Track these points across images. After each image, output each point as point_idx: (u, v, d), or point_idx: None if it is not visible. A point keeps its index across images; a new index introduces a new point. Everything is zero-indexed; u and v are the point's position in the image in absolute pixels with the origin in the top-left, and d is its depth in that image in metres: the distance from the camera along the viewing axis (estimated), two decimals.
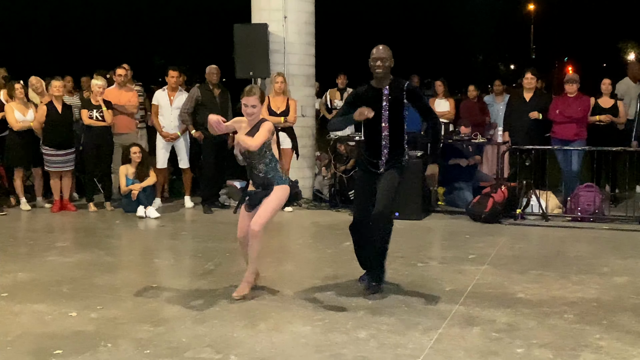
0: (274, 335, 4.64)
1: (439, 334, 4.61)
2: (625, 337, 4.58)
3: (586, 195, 8.78)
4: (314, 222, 8.87)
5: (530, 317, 4.98)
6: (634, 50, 45.71)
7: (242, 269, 6.33)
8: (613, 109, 9.71)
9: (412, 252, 7.04)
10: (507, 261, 6.69)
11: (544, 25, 42.80)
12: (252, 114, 5.55)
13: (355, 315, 5.02)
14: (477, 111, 10.66)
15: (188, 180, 9.91)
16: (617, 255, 6.90)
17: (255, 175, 5.59)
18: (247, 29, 9.76)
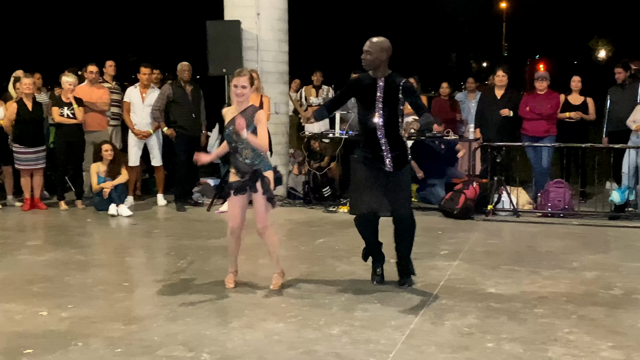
0: (247, 332, 4.63)
1: (410, 330, 4.64)
2: (594, 331, 4.63)
3: (556, 191, 8.88)
4: (288, 220, 8.86)
5: (501, 312, 5.03)
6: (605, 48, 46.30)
7: (216, 266, 6.35)
8: (583, 105, 9.83)
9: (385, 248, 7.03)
10: (478, 257, 6.75)
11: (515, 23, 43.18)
12: (242, 94, 5.55)
13: (329, 312, 5.03)
14: (449, 108, 10.73)
15: (161, 177, 9.86)
16: (587, 251, 6.98)
17: (241, 162, 5.56)
18: (220, 25, 9.71)
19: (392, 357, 4.19)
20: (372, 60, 5.54)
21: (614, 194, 8.78)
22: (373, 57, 5.53)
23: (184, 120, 9.44)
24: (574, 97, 9.92)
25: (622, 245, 7.28)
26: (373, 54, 5.53)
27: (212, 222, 8.63)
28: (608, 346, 4.36)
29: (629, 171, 9.03)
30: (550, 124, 9.45)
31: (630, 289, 5.62)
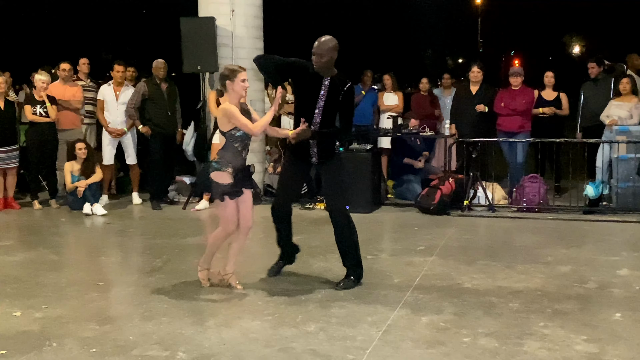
0: (223, 331, 4.62)
1: (387, 326, 4.65)
2: (568, 324, 4.68)
3: (531, 186, 8.96)
4: (264, 217, 8.77)
5: (476, 306, 5.06)
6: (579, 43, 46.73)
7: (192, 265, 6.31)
8: (556, 101, 9.91)
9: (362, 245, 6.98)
10: (454, 252, 6.78)
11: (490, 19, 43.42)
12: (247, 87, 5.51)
13: (305, 309, 5.03)
14: (428, 104, 10.76)
15: (136, 176, 9.79)
16: (561, 245, 7.05)
17: (242, 160, 5.50)
18: (194, 22, 9.66)
19: (368, 353, 4.20)
20: (326, 62, 5.54)
21: (588, 188, 8.87)
22: (326, 58, 5.54)
23: (159, 118, 9.39)
24: (548, 93, 10.01)
25: (596, 240, 7.36)
26: (325, 55, 5.53)
27: (188, 221, 8.60)
28: (582, 339, 4.40)
29: (603, 165, 9.13)
30: (525, 120, 9.53)
31: (604, 282, 5.68)
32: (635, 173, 8.54)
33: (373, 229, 8.05)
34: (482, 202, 9.00)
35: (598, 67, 10.11)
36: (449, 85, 11.46)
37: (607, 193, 8.97)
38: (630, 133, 8.79)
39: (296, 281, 5.77)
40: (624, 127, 8.91)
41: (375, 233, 7.87)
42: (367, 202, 8.88)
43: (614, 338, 4.42)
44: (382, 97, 10.90)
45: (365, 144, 9.34)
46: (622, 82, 9.36)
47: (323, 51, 5.51)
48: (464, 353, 4.21)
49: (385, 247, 7.27)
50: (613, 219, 8.36)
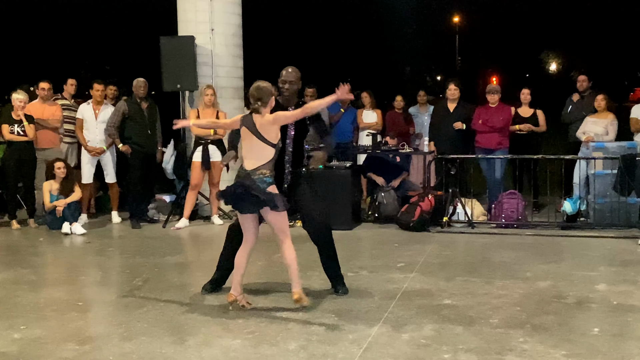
0: (203, 349, 4.59)
1: (368, 343, 4.64)
2: (548, 340, 4.69)
3: (509, 202, 9.02)
4: None
5: (456, 322, 5.07)
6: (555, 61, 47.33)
7: (171, 284, 6.30)
8: (533, 117, 10.01)
9: (342, 262, 7.01)
10: (434, 268, 6.80)
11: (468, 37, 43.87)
12: None
13: (286, 327, 5.01)
14: (402, 121, 10.83)
15: (115, 195, 9.74)
16: (539, 260, 7.09)
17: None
18: (174, 41, 9.67)
19: None
20: (296, 90, 5.79)
21: (566, 204, 8.94)
22: (296, 86, 5.79)
23: (139, 137, 9.36)
24: (524, 110, 10.11)
25: (574, 255, 7.40)
26: (295, 83, 5.77)
27: (168, 239, 8.55)
28: (561, 354, 4.42)
29: (580, 181, 9.22)
30: (503, 137, 9.61)
31: (582, 297, 5.72)
32: (612, 189, 8.63)
33: (353, 246, 8.06)
34: (461, 218, 9.05)
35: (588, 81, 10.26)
36: (425, 102, 11.54)
37: (584, 209, 9.05)
38: (606, 149, 8.89)
39: (277, 299, 5.75)
40: (600, 144, 9.02)
41: (355, 250, 7.88)
42: (347, 219, 8.89)
43: (592, 353, 4.44)
44: (361, 114, 10.95)
45: (345, 161, 9.37)
46: (598, 99, 9.49)
47: (295, 79, 5.77)
48: None
49: (365, 264, 7.26)
50: (590, 234, 8.42)
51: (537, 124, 10.02)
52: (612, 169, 8.69)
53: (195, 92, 9.66)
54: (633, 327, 4.98)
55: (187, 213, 9.19)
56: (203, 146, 9.12)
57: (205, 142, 9.13)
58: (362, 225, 9.26)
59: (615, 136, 9.35)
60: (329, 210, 7.49)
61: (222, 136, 9.23)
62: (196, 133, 9.17)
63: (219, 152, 9.21)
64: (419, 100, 11.62)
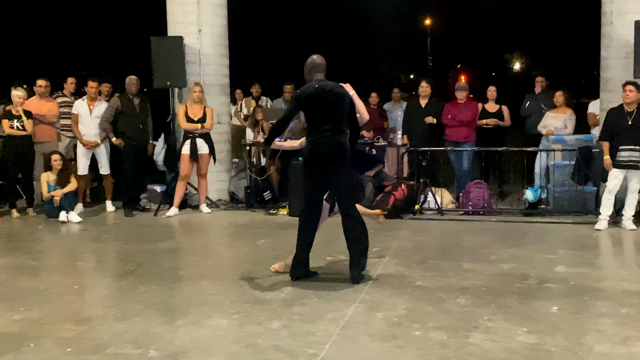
0: (192, 329, 4.59)
1: (345, 321, 4.67)
2: (511, 318, 4.74)
3: (476, 191, 9.08)
4: (231, 222, 8.82)
5: (427, 302, 5.11)
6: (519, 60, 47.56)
7: (163, 268, 6.28)
8: (498, 113, 10.07)
9: (322, 248, 7.07)
10: (407, 252, 6.83)
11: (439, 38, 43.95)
12: None
13: (270, 308, 5.02)
14: (377, 117, 10.84)
15: (109, 185, 9.67)
16: (504, 245, 7.14)
17: None
18: (164, 41, 9.60)
19: (328, 347, 4.21)
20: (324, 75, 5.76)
21: (528, 192, 9.02)
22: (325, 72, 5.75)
23: (131, 131, 9.30)
24: (491, 105, 10.17)
25: (536, 239, 7.48)
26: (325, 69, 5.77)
27: (159, 227, 8.52)
28: (523, 331, 4.47)
29: (541, 172, 9.30)
30: (470, 130, 9.67)
31: (543, 278, 5.78)
32: (570, 178, 8.71)
33: (332, 232, 8.02)
34: (431, 206, 9.09)
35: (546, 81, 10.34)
36: (399, 98, 11.55)
37: (544, 197, 9.13)
38: (565, 142, 8.97)
39: (261, 282, 5.75)
40: (560, 137, 9.10)
41: (333, 236, 7.81)
42: None
43: (552, 329, 4.50)
44: None
45: None
46: (556, 95, 9.57)
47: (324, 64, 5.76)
48: (416, 346, 4.25)
49: (343, 249, 7.16)
50: (550, 220, 8.51)
51: (502, 118, 10.09)
52: (570, 160, 8.78)
53: (184, 89, 9.61)
54: (589, 306, 5.05)
55: (177, 202, 9.16)
56: (191, 139, 9.09)
57: (193, 135, 9.10)
58: None
59: (573, 130, 9.44)
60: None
61: (209, 130, 9.20)
62: (185, 127, 9.13)
63: (206, 145, 9.18)
64: (393, 97, 11.63)
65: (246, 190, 9.75)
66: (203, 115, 9.14)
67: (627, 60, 8.42)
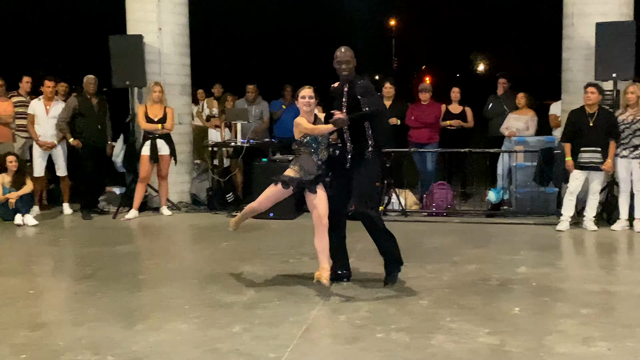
0: (152, 334, 4.54)
1: (308, 324, 4.67)
2: (474, 319, 4.80)
3: (440, 193, 9.17)
4: (193, 225, 8.77)
5: (390, 304, 5.14)
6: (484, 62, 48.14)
7: (122, 272, 6.20)
8: (462, 114, 10.19)
9: (286, 249, 7.10)
10: (371, 254, 6.80)
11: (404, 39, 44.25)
12: (309, 104, 5.63)
13: (231, 311, 5.00)
14: None
15: (66, 187, 9.53)
16: (467, 246, 7.23)
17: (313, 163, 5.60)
18: (123, 40, 9.51)
19: (290, 350, 4.21)
20: (352, 68, 5.69)
21: (491, 193, 9.14)
22: (352, 64, 5.68)
23: (89, 131, 9.19)
24: (454, 107, 10.28)
25: (498, 240, 7.58)
26: (351, 62, 5.69)
27: (118, 230, 8.42)
28: (485, 332, 4.52)
29: (503, 173, 9.43)
30: (433, 132, 9.77)
31: (505, 279, 5.86)
32: (532, 179, 8.84)
33: (297, 234, 8.07)
34: (395, 207, 9.15)
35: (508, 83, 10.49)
36: None
37: (507, 198, 9.26)
38: (527, 143, 9.12)
39: (223, 285, 5.72)
40: (521, 138, 9.24)
41: (299, 238, 7.88)
42: (290, 209, 8.88)
43: (514, 330, 4.56)
44: None
45: (288, 155, 9.36)
46: (518, 97, 9.73)
47: (350, 57, 5.66)
48: (379, 348, 4.27)
49: (307, 251, 7.25)
50: (513, 221, 8.63)
51: (465, 120, 10.21)
52: (532, 161, 8.91)
53: (143, 88, 9.52)
54: (550, 306, 5.13)
55: (137, 204, 9.07)
56: (151, 140, 9.00)
57: (153, 136, 9.02)
58: (305, 215, 9.25)
59: (535, 131, 9.60)
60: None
61: (169, 130, 9.13)
62: (144, 128, 9.05)
63: (166, 146, 9.11)
64: None
65: (208, 192, 9.69)
66: (163, 115, 9.07)
67: (588, 62, 8.58)
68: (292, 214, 8.86)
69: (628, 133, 7.81)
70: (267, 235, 7.91)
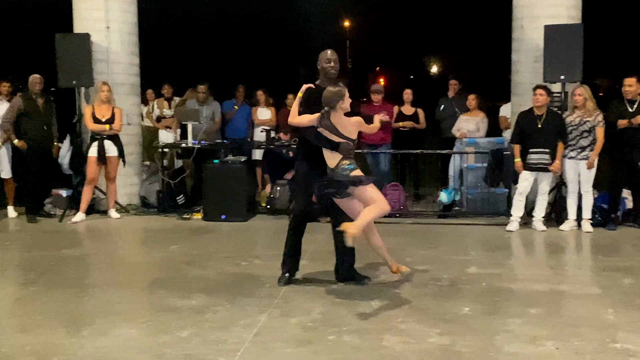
0: (98, 340, 4.47)
1: (258, 328, 4.66)
2: (424, 319, 4.86)
3: (392, 194, 9.23)
4: (142, 228, 8.66)
5: (342, 306, 5.17)
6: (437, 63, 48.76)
7: (67, 276, 6.10)
8: (414, 115, 10.30)
9: (237, 252, 7.07)
10: (323, 256, 6.84)
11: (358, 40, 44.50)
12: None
13: (180, 316, 4.95)
14: None
15: (11, 190, 9.30)
16: (419, 247, 7.31)
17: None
18: (69, 38, 9.34)
19: (240, 354, 4.20)
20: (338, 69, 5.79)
21: (442, 194, 9.26)
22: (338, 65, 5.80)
23: (35, 132, 9.00)
24: (406, 108, 10.38)
25: (450, 241, 7.69)
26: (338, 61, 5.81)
27: (65, 233, 8.26)
28: (435, 332, 4.58)
29: (455, 174, 9.56)
30: (386, 133, 9.83)
31: (456, 280, 5.94)
32: (483, 180, 8.99)
33: (248, 236, 8.06)
34: None
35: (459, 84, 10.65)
36: None
37: (458, 199, 9.39)
38: (477, 144, 9.27)
39: (172, 288, 5.66)
40: (472, 140, 9.39)
41: (250, 240, 7.88)
42: (242, 211, 8.87)
43: (463, 330, 4.63)
44: (256, 111, 10.94)
45: (240, 156, 9.34)
46: (469, 99, 9.88)
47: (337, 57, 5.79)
48: (330, 350, 4.29)
49: (259, 253, 7.26)
50: (464, 222, 8.77)
51: (418, 121, 10.32)
52: (483, 162, 9.06)
53: (91, 88, 9.36)
54: (500, 306, 5.22)
55: (84, 207, 8.91)
56: (99, 141, 8.86)
57: (100, 137, 8.88)
58: (257, 217, 9.25)
59: (485, 133, 9.76)
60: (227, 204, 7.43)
61: (118, 131, 9.00)
62: (92, 129, 8.90)
63: (114, 147, 8.97)
64: None
65: (158, 194, 9.58)
66: (111, 115, 8.93)
67: (537, 64, 8.76)
68: (244, 216, 8.83)
69: (575, 134, 8.00)
70: (219, 238, 7.87)
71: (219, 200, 8.77)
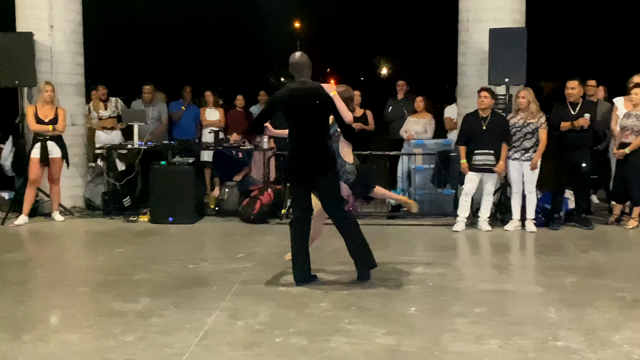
0: (39, 345, 4.37)
1: (204, 331, 4.62)
2: (371, 319, 4.88)
3: None
4: (87, 231, 8.50)
5: (290, 307, 5.16)
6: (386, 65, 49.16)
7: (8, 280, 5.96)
8: (363, 117, 10.36)
9: (185, 255, 7.00)
10: (272, 258, 6.84)
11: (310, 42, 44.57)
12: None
13: (125, 320, 4.87)
14: (244, 120, 10.84)
15: None
16: None
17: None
18: (11, 37, 9.12)
19: (185, 358, 4.15)
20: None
21: None
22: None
23: None
24: (355, 110, 10.42)
25: (398, 242, 7.76)
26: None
27: (7, 237, 8.06)
28: (382, 333, 4.61)
29: (403, 175, 9.65)
30: None
31: (402, 280, 5.99)
32: (430, 181, 9.10)
33: (197, 239, 7.98)
34: None
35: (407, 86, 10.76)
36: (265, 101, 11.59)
37: None
38: (425, 146, 9.37)
39: (117, 292, 5.57)
40: (420, 141, 9.49)
41: (198, 243, 7.80)
42: (190, 213, 8.78)
43: (410, 330, 4.67)
44: (204, 112, 10.85)
45: (188, 158, 9.24)
46: (417, 101, 9.99)
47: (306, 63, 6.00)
48: (277, 352, 4.27)
49: (207, 255, 7.21)
50: (412, 222, 8.85)
51: (367, 122, 10.38)
52: (430, 163, 9.18)
53: (34, 88, 9.15)
54: (446, 306, 5.28)
55: (27, 210, 8.70)
56: (42, 142, 8.67)
57: (43, 138, 8.68)
58: (206, 219, 9.17)
59: (433, 134, 9.88)
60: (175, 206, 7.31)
61: (61, 132, 8.81)
62: (34, 129, 8.70)
63: (58, 148, 8.79)
64: (259, 99, 11.66)
65: (104, 196, 9.40)
66: (55, 116, 8.75)
67: (482, 67, 8.90)
68: (192, 218, 8.75)
69: (519, 136, 8.16)
70: (166, 241, 7.78)
71: (166, 202, 8.67)
